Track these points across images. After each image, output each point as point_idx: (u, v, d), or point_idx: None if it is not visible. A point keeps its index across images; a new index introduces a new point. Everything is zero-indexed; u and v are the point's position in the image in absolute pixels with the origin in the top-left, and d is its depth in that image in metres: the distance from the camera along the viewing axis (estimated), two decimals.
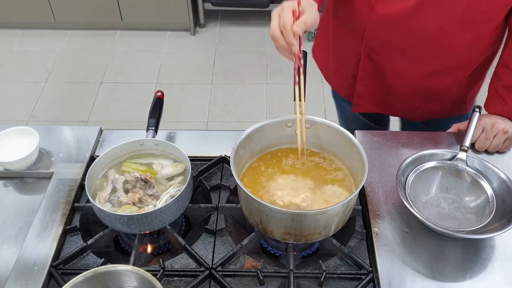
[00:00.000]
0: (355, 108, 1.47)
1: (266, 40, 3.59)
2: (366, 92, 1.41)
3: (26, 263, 1.03)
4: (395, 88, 1.35)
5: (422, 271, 1.02)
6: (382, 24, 1.21)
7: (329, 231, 1.03)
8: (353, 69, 1.38)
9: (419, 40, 1.21)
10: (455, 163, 1.16)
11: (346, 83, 1.44)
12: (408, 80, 1.32)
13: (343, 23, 1.34)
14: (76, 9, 3.51)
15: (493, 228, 1.04)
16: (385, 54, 1.28)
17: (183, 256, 1.07)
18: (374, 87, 1.38)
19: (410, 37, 1.21)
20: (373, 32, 1.24)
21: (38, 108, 3.03)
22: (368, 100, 1.43)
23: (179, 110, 3.00)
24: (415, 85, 1.33)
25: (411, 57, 1.26)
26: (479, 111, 1.24)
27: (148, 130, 1.23)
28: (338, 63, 1.44)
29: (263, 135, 1.14)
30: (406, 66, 1.28)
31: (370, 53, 1.29)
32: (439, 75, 1.29)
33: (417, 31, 1.19)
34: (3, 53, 3.46)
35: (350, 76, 1.41)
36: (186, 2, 3.41)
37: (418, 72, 1.29)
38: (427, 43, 1.21)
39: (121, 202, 1.07)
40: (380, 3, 1.18)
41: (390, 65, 1.30)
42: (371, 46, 1.28)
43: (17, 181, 1.24)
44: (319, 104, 3.02)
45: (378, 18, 1.20)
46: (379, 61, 1.30)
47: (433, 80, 1.30)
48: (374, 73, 1.34)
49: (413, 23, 1.17)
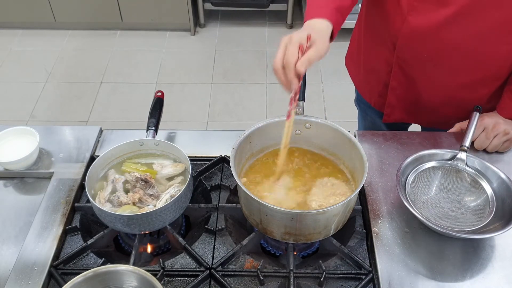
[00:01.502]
0: (386, 118, 1.45)
1: (266, 40, 3.59)
2: (398, 102, 1.39)
3: (26, 263, 1.03)
4: (427, 98, 1.33)
5: (422, 271, 1.02)
6: (414, 36, 1.19)
7: (329, 231, 1.03)
8: (385, 79, 1.36)
9: (452, 52, 1.19)
10: (455, 163, 1.16)
11: (377, 93, 1.43)
12: (440, 91, 1.30)
13: (375, 34, 1.33)
14: (76, 9, 3.51)
15: (493, 228, 1.04)
16: (418, 65, 1.26)
17: (183, 256, 1.07)
18: (406, 97, 1.36)
19: (443, 49, 1.19)
20: (405, 44, 1.23)
21: (38, 108, 3.03)
22: (399, 110, 1.41)
23: (179, 110, 3.00)
24: (448, 96, 1.31)
25: (444, 69, 1.24)
26: (479, 111, 1.24)
27: (148, 130, 1.23)
28: (369, 72, 1.43)
29: (263, 135, 1.14)
30: (439, 77, 1.26)
31: (402, 64, 1.28)
32: (472, 86, 1.27)
33: (450, 43, 1.17)
34: (3, 53, 3.46)
35: (381, 86, 1.39)
36: (186, 2, 3.41)
37: (451, 83, 1.27)
38: (460, 55, 1.19)
39: (121, 202, 1.07)
40: (413, 15, 1.16)
41: (423, 76, 1.28)
42: (403, 57, 1.26)
43: (17, 181, 1.24)
44: (319, 104, 3.02)
45: (410, 30, 1.18)
46: (411, 72, 1.28)
47: (465, 91, 1.28)
48: (406, 83, 1.32)
49: (446, 35, 1.15)
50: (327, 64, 3.28)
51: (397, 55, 1.26)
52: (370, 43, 1.37)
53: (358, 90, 1.55)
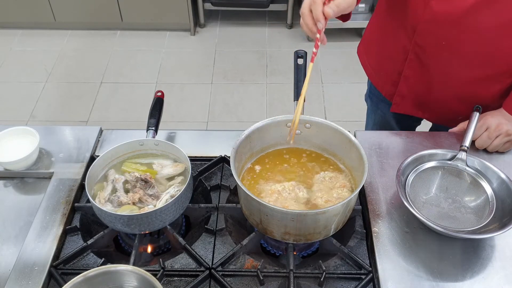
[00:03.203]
0: (394, 107, 1.44)
1: (266, 40, 3.59)
2: (408, 92, 1.38)
3: (26, 263, 1.03)
4: (439, 91, 1.33)
5: (422, 271, 1.02)
6: (436, 22, 1.18)
7: (329, 231, 1.03)
8: (399, 67, 1.35)
9: (471, 42, 1.18)
10: (455, 163, 1.16)
11: (390, 81, 1.42)
12: (453, 84, 1.29)
13: (395, 19, 1.31)
14: (76, 9, 3.51)
15: (493, 228, 1.04)
16: (434, 54, 1.25)
17: (183, 256, 1.07)
18: (417, 88, 1.36)
19: (462, 38, 1.18)
20: (425, 30, 1.22)
21: (38, 108, 3.03)
22: (409, 101, 1.41)
23: (179, 110, 3.00)
24: (460, 90, 1.30)
25: (460, 59, 1.23)
26: (479, 111, 1.24)
27: (148, 130, 1.23)
28: (384, 59, 1.42)
29: (263, 135, 1.14)
30: (454, 68, 1.25)
31: (418, 51, 1.27)
32: (486, 81, 1.26)
33: (471, 32, 1.16)
34: (3, 53, 3.46)
35: (395, 74, 1.39)
36: (186, 2, 3.41)
37: (465, 75, 1.26)
38: (479, 45, 1.18)
39: (121, 202, 1.07)
40: (436, 0, 1.15)
41: (438, 66, 1.27)
42: (421, 44, 1.25)
43: (17, 181, 1.24)
44: (319, 104, 3.02)
45: (431, 16, 1.18)
46: (427, 61, 1.28)
47: (478, 86, 1.27)
48: (420, 73, 1.31)
49: (468, 23, 1.14)
50: (327, 64, 3.29)
51: (415, 41, 1.25)
52: (389, 28, 1.36)
53: (370, 79, 1.54)
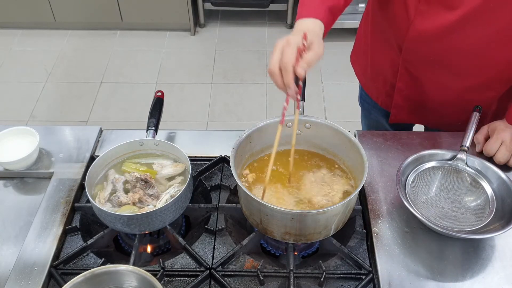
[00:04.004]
0: (393, 118, 1.44)
1: (266, 40, 3.59)
2: (404, 103, 1.39)
3: (26, 263, 1.03)
4: (434, 100, 1.33)
5: (422, 271, 1.02)
6: (421, 39, 1.18)
7: (329, 231, 1.03)
8: (391, 80, 1.35)
9: (458, 56, 1.18)
10: (455, 163, 1.16)
11: (384, 93, 1.42)
12: (447, 93, 1.29)
13: (382, 36, 1.32)
14: (76, 9, 3.51)
15: (493, 228, 1.04)
16: (424, 68, 1.25)
17: (183, 256, 1.07)
18: (412, 99, 1.36)
19: (449, 53, 1.18)
20: (411, 47, 1.22)
21: (38, 108, 3.03)
22: (406, 111, 1.41)
23: (179, 110, 3.00)
24: (455, 99, 1.30)
25: (451, 71, 1.23)
26: (479, 111, 1.24)
27: (148, 130, 1.23)
28: (376, 72, 1.42)
29: (263, 135, 1.14)
30: (445, 79, 1.25)
31: (408, 66, 1.27)
32: (479, 89, 1.26)
33: (456, 47, 1.16)
34: (3, 53, 3.46)
35: (388, 86, 1.39)
36: (186, 2, 3.41)
37: (458, 85, 1.26)
38: (467, 58, 1.18)
39: (121, 202, 1.07)
40: (419, 19, 1.15)
41: (429, 78, 1.27)
42: (409, 60, 1.25)
43: (17, 181, 1.24)
44: (319, 104, 3.02)
45: (416, 34, 1.18)
46: (418, 74, 1.28)
47: (472, 93, 1.27)
48: (413, 85, 1.32)
49: (452, 39, 1.14)
50: (327, 64, 3.28)
51: (403, 57, 1.26)
52: (376, 44, 1.37)
53: (364, 89, 1.54)
